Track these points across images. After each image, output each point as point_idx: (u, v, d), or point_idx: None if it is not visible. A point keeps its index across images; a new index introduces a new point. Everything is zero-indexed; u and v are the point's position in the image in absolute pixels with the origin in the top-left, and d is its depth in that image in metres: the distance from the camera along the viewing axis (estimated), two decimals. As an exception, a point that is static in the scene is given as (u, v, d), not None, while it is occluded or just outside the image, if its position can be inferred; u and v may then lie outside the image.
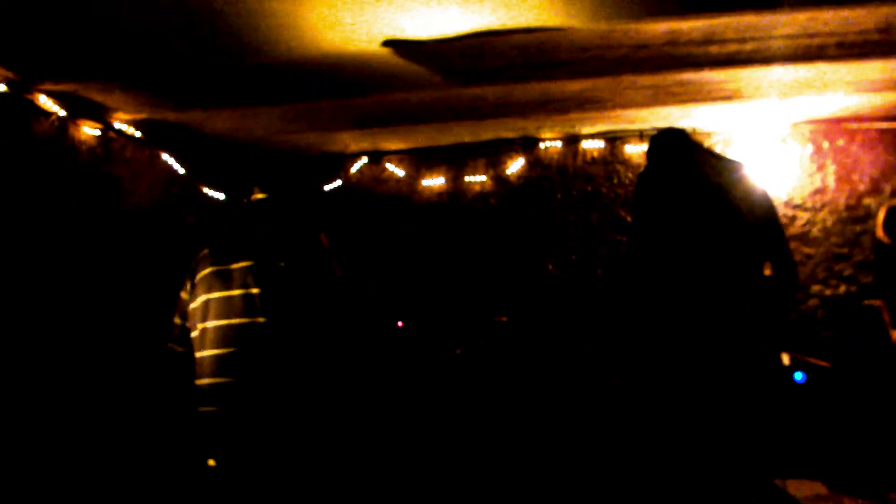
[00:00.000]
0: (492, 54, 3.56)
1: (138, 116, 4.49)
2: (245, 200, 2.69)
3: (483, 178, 6.03)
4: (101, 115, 4.38)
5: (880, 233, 4.00)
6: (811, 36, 3.42)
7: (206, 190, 5.60)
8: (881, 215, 3.98)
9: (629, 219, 5.82)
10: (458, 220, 6.03)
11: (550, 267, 5.66)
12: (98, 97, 4.08)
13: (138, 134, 4.72)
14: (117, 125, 4.56)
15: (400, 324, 5.60)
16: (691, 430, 3.06)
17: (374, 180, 6.23)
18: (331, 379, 2.58)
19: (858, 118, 5.31)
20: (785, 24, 3.27)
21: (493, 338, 4.97)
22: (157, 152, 5.08)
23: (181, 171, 5.24)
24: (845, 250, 5.51)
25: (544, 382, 4.54)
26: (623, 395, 4.21)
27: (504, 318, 5.11)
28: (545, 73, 3.88)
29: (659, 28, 3.25)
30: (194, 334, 2.49)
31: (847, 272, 5.50)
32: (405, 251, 6.04)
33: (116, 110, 4.36)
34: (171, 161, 5.17)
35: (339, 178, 6.19)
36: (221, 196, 5.72)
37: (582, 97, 4.50)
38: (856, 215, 5.50)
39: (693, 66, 3.87)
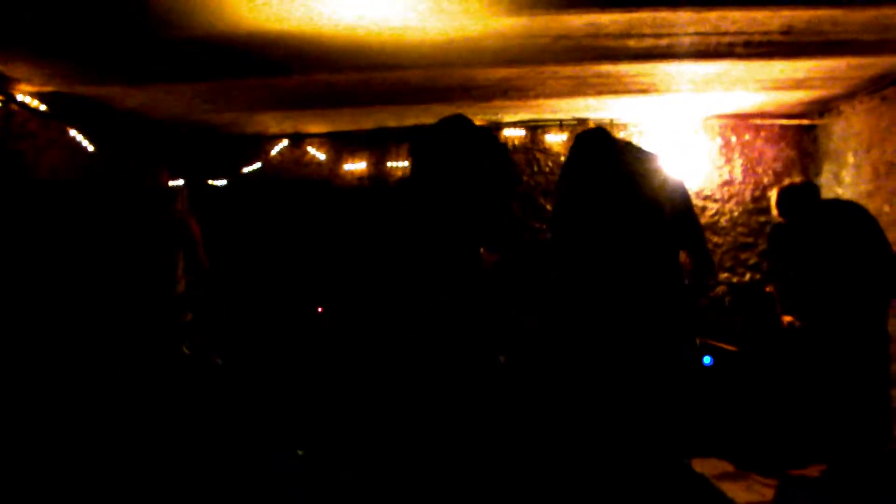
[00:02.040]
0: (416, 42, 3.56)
1: (44, 89, 4.26)
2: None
3: (406, 163, 6.02)
4: (2, 86, 4.13)
5: (774, 212, 4.25)
6: (721, 34, 3.58)
7: (118, 169, 5.38)
8: (774, 196, 4.23)
9: (549, 207, 5.95)
10: (380, 205, 6.01)
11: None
12: (-1, 67, 3.85)
13: (44, 108, 4.47)
14: (20, 97, 4.31)
15: (320, 309, 5.55)
16: (609, 411, 3.16)
17: (294, 163, 6.12)
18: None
19: (763, 114, 5.60)
20: (698, 22, 3.40)
21: (412, 325, 4.98)
22: (65, 128, 4.83)
23: (91, 148, 5.01)
24: (750, 240, 5.81)
25: (460, 369, 4.59)
26: (542, 377, 4.32)
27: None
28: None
29: (580, 20, 3.33)
30: None
31: (752, 261, 5.81)
32: (325, 236, 5.98)
33: (19, 81, 4.12)
34: (80, 138, 4.93)
35: (259, 161, 6.06)
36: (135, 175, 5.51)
37: (505, 85, 4.55)
38: (760, 206, 5.80)
39: (612, 59, 3.99)
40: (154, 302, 5.03)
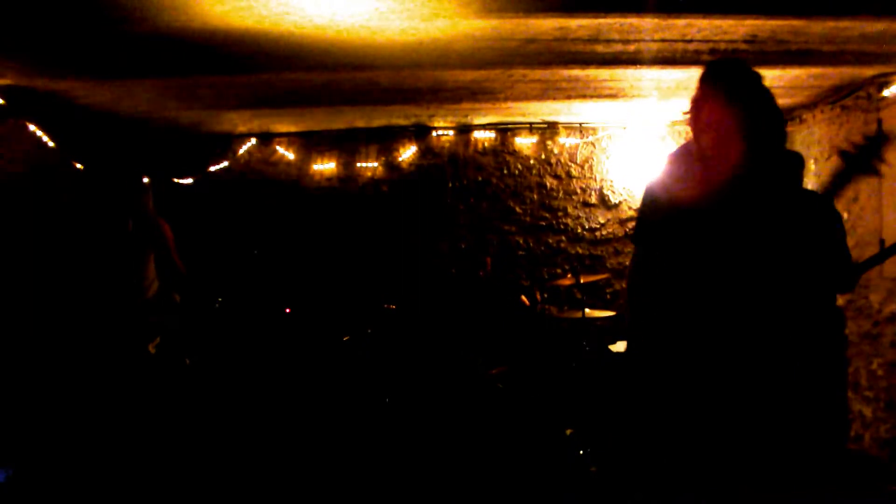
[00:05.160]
0: (386, 43, 3.54)
1: (2, 82, 4.14)
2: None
3: (375, 164, 6.00)
4: (-43, 79, 4.02)
5: None
6: (688, 41, 3.62)
7: (79, 166, 5.26)
8: None
9: (518, 209, 5.97)
10: (349, 205, 5.98)
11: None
12: (-47, 59, 3.74)
13: (1, 101, 4.35)
14: (-24, 91, 4.20)
15: (287, 310, 5.50)
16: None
17: (263, 163, 6.06)
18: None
19: (728, 121, 5.68)
20: (665, 29, 3.44)
21: (381, 326, 4.97)
22: (23, 123, 4.71)
23: (51, 144, 4.89)
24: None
25: (431, 371, 4.60)
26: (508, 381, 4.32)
27: (393, 306, 5.12)
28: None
29: (549, 24, 3.35)
30: None
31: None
32: (294, 236, 5.93)
33: (-24, 74, 4.01)
34: (40, 133, 4.81)
35: (227, 160, 5.99)
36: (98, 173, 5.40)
37: (475, 87, 4.56)
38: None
39: (581, 64, 4.02)
40: (119, 303, 4.94)
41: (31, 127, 4.76)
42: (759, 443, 2.93)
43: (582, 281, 4.78)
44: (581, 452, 3.59)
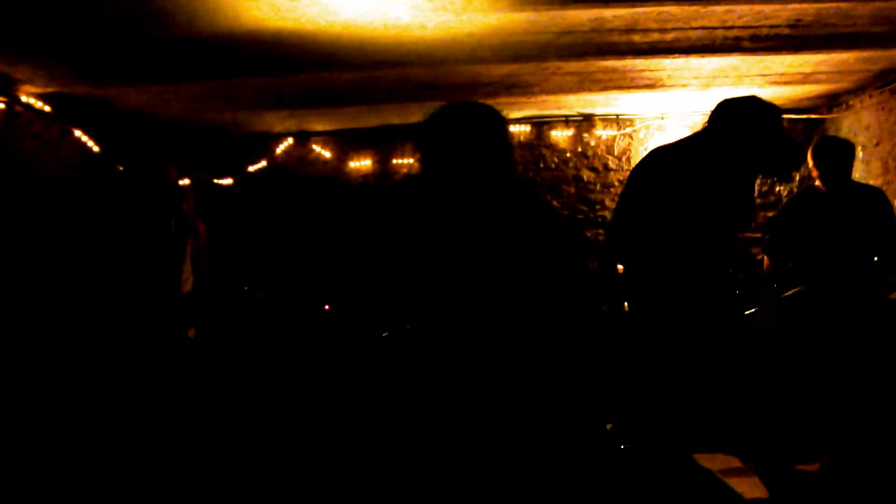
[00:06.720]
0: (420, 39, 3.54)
1: (48, 90, 4.26)
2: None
3: (411, 160, 6.00)
4: (6, 87, 4.13)
5: (811, 164, 3.96)
6: (728, 28, 3.54)
7: (122, 169, 5.38)
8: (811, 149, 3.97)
9: (555, 203, 5.92)
10: (385, 202, 6.00)
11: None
12: (2, 69, 3.85)
13: (48, 109, 4.47)
14: (24, 99, 4.31)
15: (327, 307, 5.55)
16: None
17: (300, 161, 6.11)
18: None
19: (771, 109, 5.54)
20: (703, 16, 3.37)
21: (418, 322, 4.97)
22: (69, 128, 4.84)
23: (96, 148, 5.01)
24: (758, 235, 5.75)
25: (466, 364, 4.58)
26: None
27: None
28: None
29: (584, 15, 3.30)
30: None
31: (761, 256, 5.75)
32: (332, 233, 5.97)
33: (23, 83, 4.12)
34: (85, 138, 4.93)
35: (265, 159, 6.05)
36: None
37: (509, 81, 4.53)
38: (768, 202, 5.75)
39: (617, 54, 3.95)
40: (160, 296, 5.06)
41: (77, 132, 4.88)
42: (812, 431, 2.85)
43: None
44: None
